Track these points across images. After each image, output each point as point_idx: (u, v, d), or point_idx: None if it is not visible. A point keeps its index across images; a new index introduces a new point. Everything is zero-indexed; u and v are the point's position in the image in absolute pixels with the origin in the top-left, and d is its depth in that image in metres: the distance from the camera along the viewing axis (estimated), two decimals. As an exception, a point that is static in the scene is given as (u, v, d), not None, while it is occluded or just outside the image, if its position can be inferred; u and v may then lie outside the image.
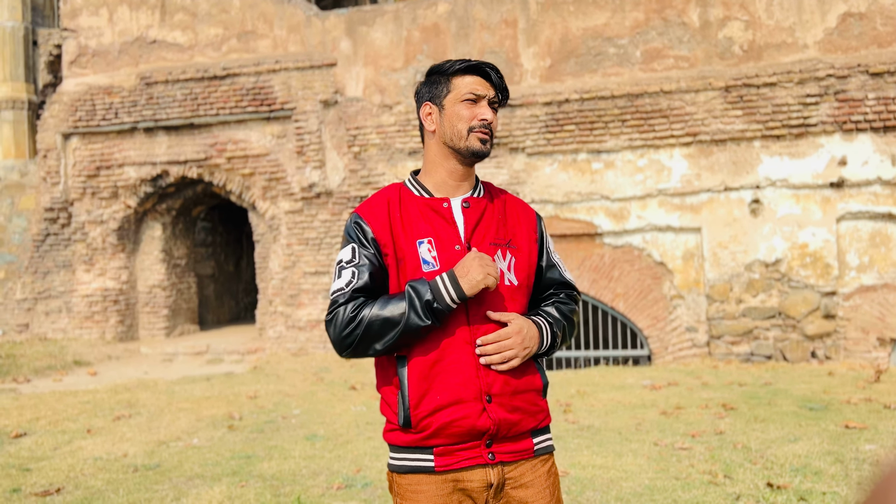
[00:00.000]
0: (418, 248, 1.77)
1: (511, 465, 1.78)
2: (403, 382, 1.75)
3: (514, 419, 1.76)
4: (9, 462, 5.05)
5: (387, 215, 1.80)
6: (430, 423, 1.73)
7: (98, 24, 10.27)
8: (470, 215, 1.82)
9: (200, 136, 9.94)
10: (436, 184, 1.84)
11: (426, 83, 1.87)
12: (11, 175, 11.17)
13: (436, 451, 1.74)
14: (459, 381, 1.73)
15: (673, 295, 8.46)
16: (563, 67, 8.76)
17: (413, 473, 1.75)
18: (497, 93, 1.83)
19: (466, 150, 1.79)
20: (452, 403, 1.72)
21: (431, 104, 1.84)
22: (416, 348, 1.75)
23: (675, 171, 8.38)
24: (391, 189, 1.86)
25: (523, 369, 1.79)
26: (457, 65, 1.81)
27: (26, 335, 10.42)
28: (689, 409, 6.02)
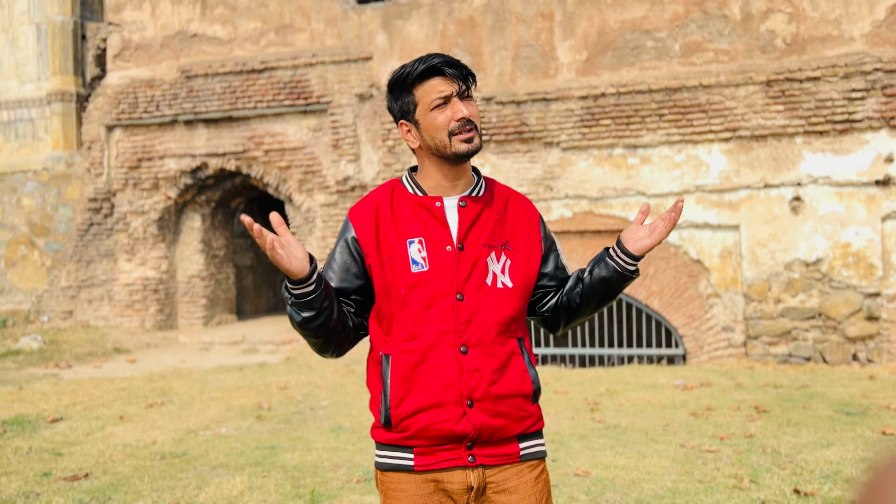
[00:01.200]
0: (408, 247, 1.75)
1: (494, 468, 1.75)
2: (386, 382, 1.74)
3: (496, 424, 1.73)
4: (43, 446, 5.19)
5: (374, 217, 1.78)
6: (409, 424, 1.71)
7: (141, 18, 10.46)
8: (465, 215, 1.78)
9: (239, 128, 10.06)
10: (430, 185, 1.80)
11: (393, 99, 1.80)
12: (58, 166, 11.45)
13: (415, 450, 1.73)
14: (441, 385, 1.71)
15: (709, 293, 8.30)
16: (600, 61, 8.63)
17: (395, 471, 1.74)
18: (461, 83, 1.73)
19: (454, 155, 1.74)
20: (432, 406, 1.70)
21: (406, 122, 1.78)
22: (401, 349, 1.73)
23: (713, 168, 8.21)
24: (385, 187, 1.83)
25: (511, 374, 1.75)
26: (413, 74, 1.73)
27: (70, 322, 10.69)
28: (719, 410, 5.90)
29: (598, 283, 1.82)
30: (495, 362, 1.74)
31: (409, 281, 1.73)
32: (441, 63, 1.72)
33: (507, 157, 8.86)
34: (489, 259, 1.77)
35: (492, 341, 1.74)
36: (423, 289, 1.73)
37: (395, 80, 1.77)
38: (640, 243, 1.81)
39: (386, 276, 1.75)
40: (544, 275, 1.87)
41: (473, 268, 1.75)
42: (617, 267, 1.80)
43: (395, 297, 1.74)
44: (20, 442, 5.29)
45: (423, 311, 1.73)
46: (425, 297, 1.73)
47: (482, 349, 1.73)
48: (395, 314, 1.75)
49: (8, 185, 11.55)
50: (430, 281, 1.73)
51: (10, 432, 5.59)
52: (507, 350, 1.76)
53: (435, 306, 1.73)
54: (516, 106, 8.79)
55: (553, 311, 1.89)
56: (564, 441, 5.06)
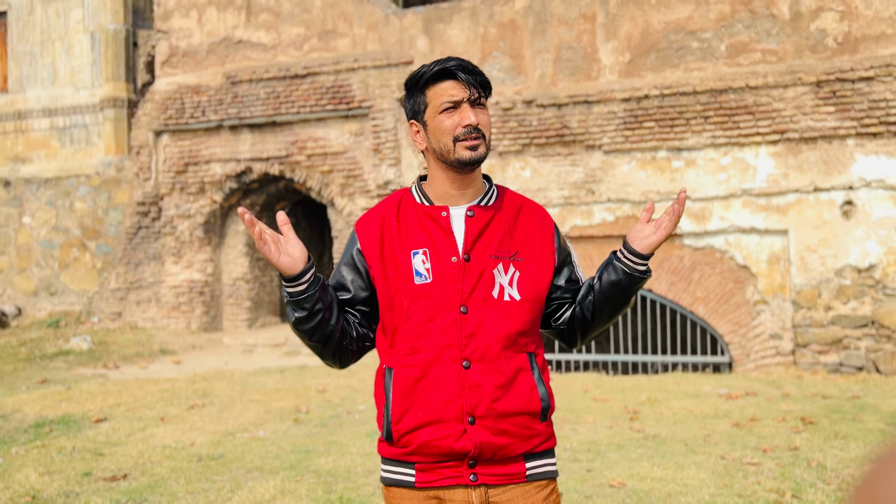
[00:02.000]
0: (412, 258, 1.71)
1: (497, 488, 1.70)
2: (389, 395, 1.70)
3: (499, 443, 1.67)
4: (86, 446, 5.30)
5: (379, 229, 1.75)
6: (410, 440, 1.68)
7: (188, 26, 10.66)
8: (473, 225, 1.73)
9: (282, 133, 10.18)
10: (437, 194, 1.77)
11: (406, 98, 1.79)
12: (109, 170, 11.74)
13: (417, 466, 1.69)
14: (442, 400, 1.66)
15: (756, 300, 8.08)
16: (643, 62, 8.49)
17: (397, 487, 1.71)
18: (475, 89, 1.70)
19: (457, 162, 1.70)
20: (433, 422, 1.66)
21: (416, 122, 1.76)
22: (403, 363, 1.70)
23: (760, 171, 7.99)
24: (393, 197, 1.80)
25: (517, 391, 1.69)
26: (426, 75, 1.71)
27: (119, 323, 10.95)
28: (764, 421, 5.73)
29: (609, 287, 1.74)
30: (500, 378, 1.68)
31: (412, 293, 1.70)
32: (456, 67, 1.70)
33: (547, 160, 8.78)
34: (496, 271, 1.71)
35: (496, 356, 1.68)
36: (425, 301, 1.69)
37: (410, 79, 1.75)
38: (646, 241, 1.74)
39: (390, 287, 1.72)
40: (558, 287, 1.80)
41: (479, 280, 1.70)
42: (626, 268, 1.73)
43: (399, 310, 1.71)
44: (65, 441, 5.41)
45: (426, 324, 1.69)
46: (428, 310, 1.69)
47: (486, 364, 1.67)
48: (398, 327, 1.71)
49: (62, 189, 11.89)
50: (433, 293, 1.69)
51: (55, 431, 5.73)
52: (514, 365, 1.70)
53: (437, 319, 1.68)
54: (557, 108, 8.69)
55: (568, 323, 1.83)
56: (601, 451, 4.97)
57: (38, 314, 11.51)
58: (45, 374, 8.43)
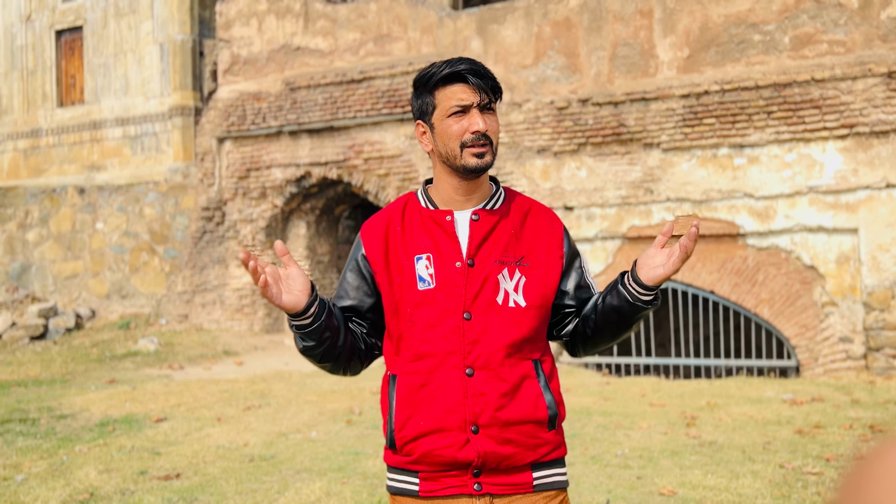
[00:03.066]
0: (415, 264, 1.68)
1: (503, 497, 1.65)
2: (392, 403, 1.68)
3: (504, 452, 1.62)
4: (144, 445, 5.46)
5: (384, 234, 1.72)
6: (413, 448, 1.65)
7: (248, 34, 10.90)
8: (477, 229, 1.68)
9: (339, 138, 10.30)
10: (442, 198, 1.73)
11: (414, 97, 1.74)
12: (176, 177, 12.12)
13: (420, 475, 1.66)
14: (444, 409, 1.62)
15: (825, 302, 7.75)
16: (703, 57, 8.25)
17: (402, 496, 1.68)
18: (486, 94, 1.65)
19: (462, 168, 1.65)
20: (435, 431, 1.62)
21: (423, 123, 1.71)
22: (406, 370, 1.67)
23: (828, 167, 7.67)
24: (399, 202, 1.77)
25: (522, 399, 1.64)
26: (436, 76, 1.66)
27: (185, 325, 11.27)
28: (829, 428, 5.48)
29: (610, 311, 1.66)
30: (504, 386, 1.63)
31: (416, 299, 1.67)
32: (467, 70, 1.65)
33: (604, 159, 8.62)
34: (501, 276, 1.66)
35: (500, 364, 1.63)
36: (428, 307, 1.66)
37: (419, 78, 1.71)
38: (654, 272, 1.61)
39: (395, 293, 1.69)
40: (564, 293, 1.74)
41: (483, 285, 1.66)
42: (629, 296, 1.64)
43: (403, 316, 1.68)
44: (125, 440, 5.59)
45: (429, 331, 1.65)
46: (431, 316, 1.65)
47: (489, 372, 1.63)
48: (402, 333, 1.69)
49: (132, 195, 12.32)
50: (437, 299, 1.65)
51: (118, 430, 5.92)
52: (519, 373, 1.65)
53: (440, 325, 1.64)
54: (614, 107, 8.53)
55: (571, 335, 1.76)
56: (653, 457, 4.84)
57: (110, 316, 11.96)
58: (114, 374, 8.74)
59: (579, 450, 5.03)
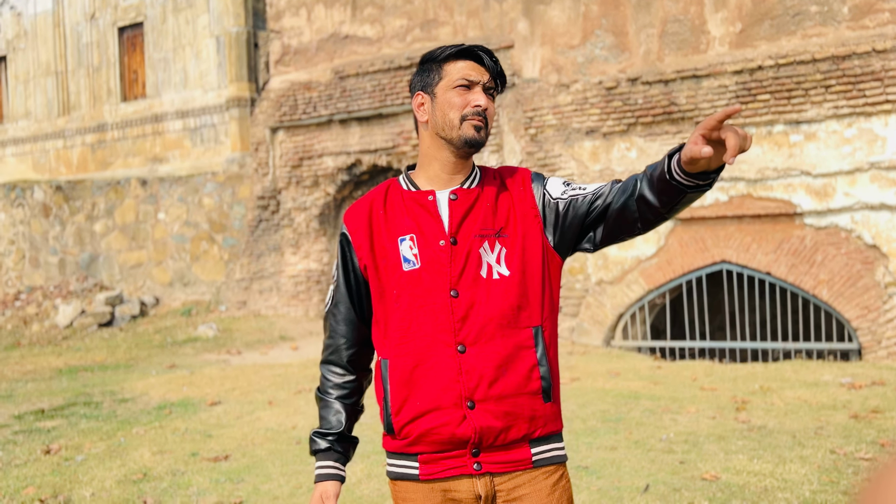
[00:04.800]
0: (399, 245, 1.70)
1: (503, 476, 1.66)
2: (386, 388, 1.69)
3: (500, 426, 1.63)
4: (197, 428, 5.64)
5: (367, 220, 1.75)
6: (410, 430, 1.66)
7: (298, 24, 11.04)
8: (457, 207, 1.70)
9: (388, 125, 10.36)
10: (428, 177, 1.75)
11: (418, 72, 1.77)
12: (233, 167, 12.39)
13: (420, 458, 1.67)
14: (439, 387, 1.64)
15: (888, 282, 7.45)
16: (756, 31, 7.98)
17: (402, 480, 1.70)
18: (492, 77, 1.71)
19: (459, 139, 1.68)
20: (431, 410, 1.64)
21: (423, 93, 1.74)
22: (397, 352, 1.68)
23: (890, 141, 7.35)
24: (381, 187, 1.80)
25: (516, 370, 1.64)
26: (448, 50, 1.71)
27: (244, 311, 11.56)
28: (887, 413, 5.29)
29: (661, 187, 1.57)
30: (496, 359, 1.64)
31: (401, 280, 1.68)
32: (480, 50, 1.72)
33: (654, 139, 8.45)
34: (482, 250, 1.68)
35: (491, 336, 1.64)
36: (415, 287, 1.67)
37: (428, 53, 1.76)
38: (689, 149, 1.46)
39: (380, 277, 1.71)
40: (566, 226, 1.68)
41: (466, 261, 1.67)
42: (668, 176, 1.54)
43: (389, 298, 1.70)
44: (180, 423, 5.79)
45: (417, 311, 1.67)
46: (417, 296, 1.67)
47: (481, 346, 1.64)
48: (390, 316, 1.70)
49: (191, 186, 12.66)
50: (422, 279, 1.67)
51: (174, 413, 6.13)
52: (513, 344, 1.65)
53: (428, 305, 1.66)
54: (664, 85, 8.35)
55: (638, 217, 1.62)
56: (698, 442, 4.76)
57: (173, 304, 12.35)
58: (175, 359, 9.04)
59: (623, 434, 4.98)
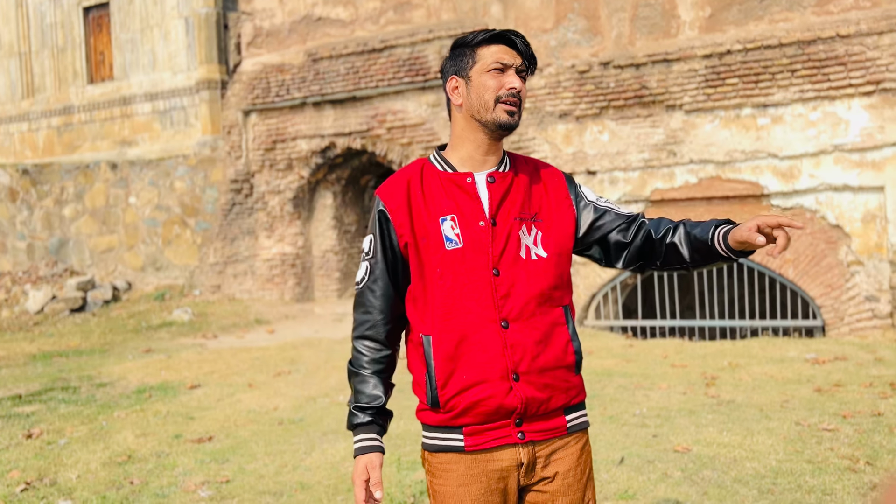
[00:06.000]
0: (441, 225, 1.76)
1: (542, 443, 1.77)
2: (430, 363, 1.75)
3: (542, 397, 1.74)
4: (179, 410, 5.69)
5: (405, 196, 1.79)
6: (457, 402, 1.73)
7: (270, 6, 10.97)
8: (495, 190, 1.79)
9: (362, 108, 10.37)
10: (461, 158, 1.82)
11: (451, 57, 1.84)
12: (204, 150, 12.31)
13: (465, 430, 1.74)
14: (485, 360, 1.72)
15: (850, 261, 7.71)
16: (725, 16, 8.14)
17: (444, 452, 1.77)
18: (524, 61, 1.79)
19: (493, 122, 1.76)
20: (479, 383, 1.72)
21: (457, 77, 1.81)
22: (441, 328, 1.74)
23: (853, 125, 7.57)
24: (414, 166, 1.85)
25: (554, 345, 1.76)
26: (481, 35, 1.78)
27: (218, 295, 11.55)
28: (849, 386, 5.51)
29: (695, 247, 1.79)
30: (537, 334, 1.75)
31: (444, 259, 1.75)
32: (513, 35, 1.79)
33: (626, 122, 8.59)
34: (521, 232, 1.78)
35: (532, 314, 1.75)
36: (458, 266, 1.74)
37: (461, 38, 1.83)
38: (740, 233, 1.68)
39: (421, 255, 1.77)
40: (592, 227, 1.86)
41: (507, 242, 1.76)
42: (711, 245, 1.76)
43: (431, 277, 1.76)
44: (161, 406, 5.83)
45: (461, 289, 1.74)
46: (461, 275, 1.74)
47: (523, 322, 1.74)
48: (431, 293, 1.76)
49: (162, 170, 12.56)
50: (465, 258, 1.74)
51: (154, 397, 6.17)
52: (549, 321, 1.77)
53: (471, 283, 1.74)
54: (635, 69, 8.48)
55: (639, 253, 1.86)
56: (670, 416, 4.93)
57: (145, 288, 12.29)
58: (150, 343, 9.03)
59: (598, 410, 5.14)
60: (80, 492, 4.04)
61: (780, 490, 3.63)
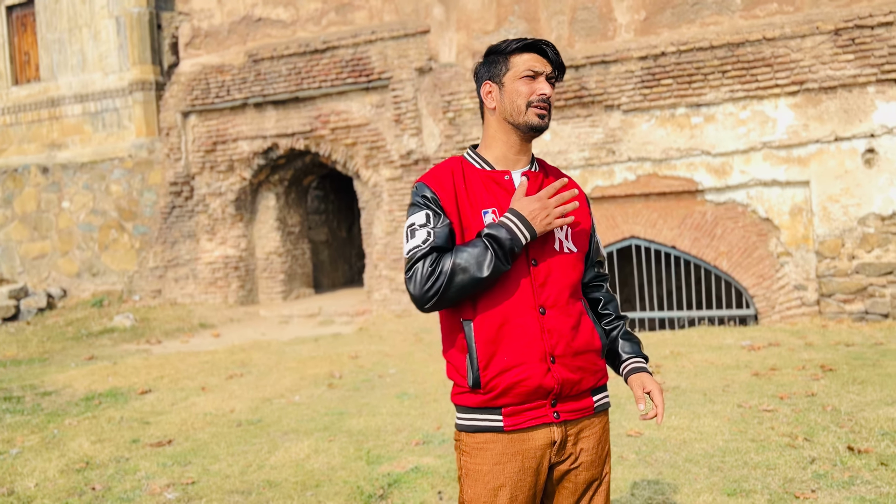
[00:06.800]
0: (483, 217, 1.89)
1: (573, 423, 1.91)
2: (471, 345, 1.86)
3: (575, 378, 1.88)
4: (132, 416, 5.63)
5: (452, 185, 1.92)
6: (497, 383, 1.84)
7: (209, 6, 10.84)
8: (530, 187, 1.94)
9: (305, 108, 10.36)
10: (496, 157, 1.96)
11: (485, 63, 1.98)
12: (141, 152, 12.07)
13: (504, 411, 1.86)
14: (525, 343, 1.85)
15: (780, 252, 8.12)
16: (659, 19, 8.47)
17: (482, 432, 1.88)
18: (554, 69, 1.94)
19: (525, 125, 1.91)
20: (519, 364, 1.84)
21: (491, 83, 1.95)
22: (482, 313, 1.86)
23: (780, 123, 7.98)
24: (453, 162, 1.98)
25: (583, 331, 1.91)
26: (514, 44, 1.93)
27: (159, 300, 11.35)
28: (784, 370, 5.84)
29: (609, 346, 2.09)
30: (570, 321, 1.90)
31: None
32: (544, 44, 1.95)
33: (567, 122, 8.84)
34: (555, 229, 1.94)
35: (566, 302, 1.91)
36: None
37: (495, 46, 1.97)
38: (636, 388, 1.99)
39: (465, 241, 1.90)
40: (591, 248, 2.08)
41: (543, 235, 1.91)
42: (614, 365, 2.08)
43: None
44: (113, 412, 5.75)
45: (502, 277, 1.86)
46: None
47: (558, 309, 1.89)
48: None
49: (97, 173, 12.26)
50: None
51: (104, 404, 6.07)
52: (577, 309, 1.93)
53: (511, 272, 1.87)
54: (575, 70, 8.73)
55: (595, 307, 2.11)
56: (620, 403, 5.15)
57: (82, 295, 11.97)
58: (92, 351, 8.83)
59: (552, 400, 5.31)
60: (40, 500, 3.99)
61: (728, 467, 3.86)
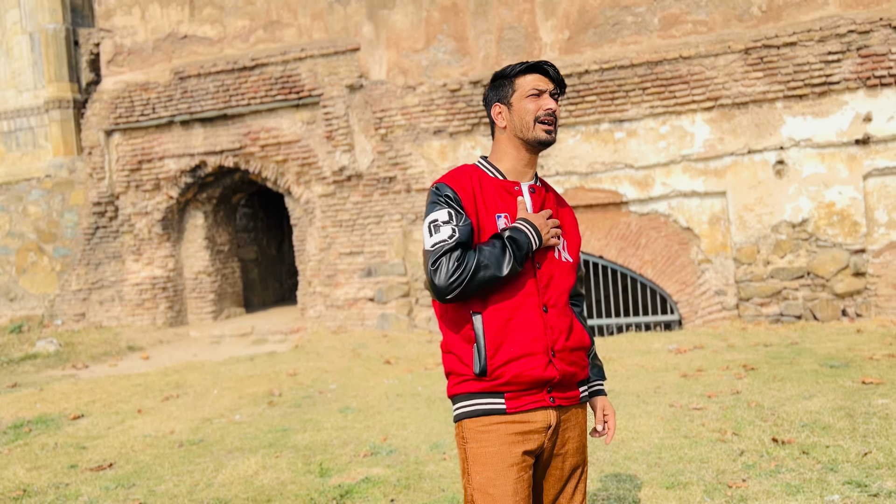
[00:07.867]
0: (497, 220, 2.08)
1: (565, 409, 2.12)
2: (480, 337, 2.03)
3: (571, 371, 2.10)
4: (67, 441, 5.48)
5: (471, 188, 2.10)
6: (503, 371, 2.02)
7: (132, 23, 10.65)
8: (535, 198, 2.16)
9: (234, 126, 10.28)
10: (507, 169, 2.15)
11: (492, 88, 2.19)
12: (61, 172, 11.71)
13: (507, 395, 2.04)
14: (531, 337, 2.04)
15: (701, 259, 8.53)
16: (582, 39, 8.81)
17: (485, 416, 2.05)
18: (556, 86, 2.15)
19: (534, 139, 2.11)
20: (524, 356, 2.03)
21: (500, 104, 2.15)
22: (493, 308, 2.04)
23: (697, 137, 8.41)
24: (469, 167, 2.16)
25: (577, 330, 2.13)
26: (517, 68, 2.13)
27: (83, 324, 10.99)
28: (709, 371, 6.16)
29: None
30: (567, 321, 2.13)
31: None
32: (545, 65, 2.16)
33: (496, 138, 9.06)
34: None
35: (564, 303, 2.14)
36: None
37: (500, 72, 2.18)
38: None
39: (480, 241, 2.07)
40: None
41: None
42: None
43: None
44: (46, 439, 5.58)
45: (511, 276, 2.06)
46: None
47: (558, 309, 2.11)
48: None
49: (14, 194, 11.82)
50: None
51: (35, 430, 5.88)
52: (570, 311, 2.16)
53: (520, 272, 2.06)
54: (503, 88, 8.97)
55: None
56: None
57: (-1, 321, 11.48)
58: (15, 378, 8.50)
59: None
60: (-22, 530, 3.87)
61: (664, 462, 4.08)
